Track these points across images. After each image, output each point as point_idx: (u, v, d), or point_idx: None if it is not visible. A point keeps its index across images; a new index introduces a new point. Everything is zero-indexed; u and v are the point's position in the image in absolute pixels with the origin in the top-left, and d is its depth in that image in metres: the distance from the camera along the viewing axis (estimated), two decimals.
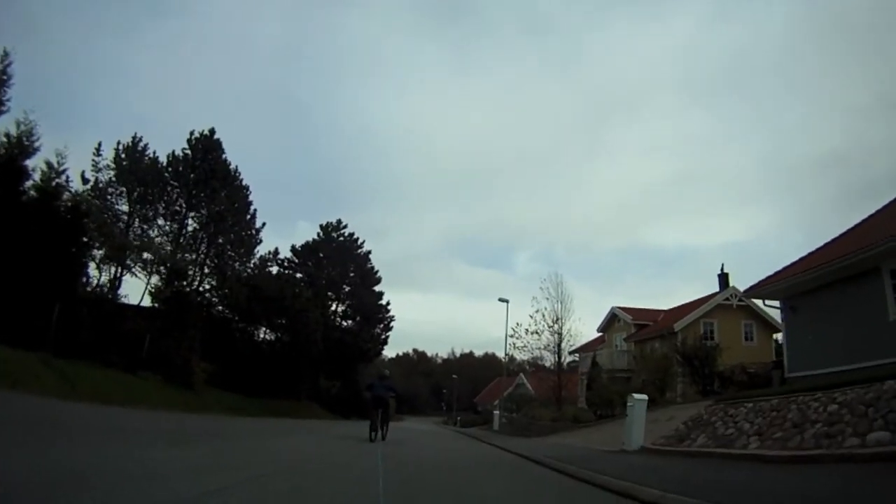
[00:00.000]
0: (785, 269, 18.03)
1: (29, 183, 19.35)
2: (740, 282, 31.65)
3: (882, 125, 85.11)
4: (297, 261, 44.01)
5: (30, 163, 19.58)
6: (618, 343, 38.25)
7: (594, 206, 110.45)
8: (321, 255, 44.95)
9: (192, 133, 30.83)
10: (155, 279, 26.62)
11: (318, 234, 46.31)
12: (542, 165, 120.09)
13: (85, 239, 21.12)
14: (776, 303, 19.28)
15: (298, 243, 45.66)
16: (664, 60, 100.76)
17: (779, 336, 29.84)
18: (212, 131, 31.10)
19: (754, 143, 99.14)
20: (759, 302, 23.63)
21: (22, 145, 19.01)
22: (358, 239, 47.40)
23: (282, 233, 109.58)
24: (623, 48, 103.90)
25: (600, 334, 41.36)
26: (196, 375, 23.17)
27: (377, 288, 47.72)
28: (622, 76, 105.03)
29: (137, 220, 28.37)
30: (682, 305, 35.98)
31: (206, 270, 30.84)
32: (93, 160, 27.28)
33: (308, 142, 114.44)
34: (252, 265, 33.71)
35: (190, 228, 30.35)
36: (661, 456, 10.91)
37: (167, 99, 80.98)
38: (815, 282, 16.01)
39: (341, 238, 46.66)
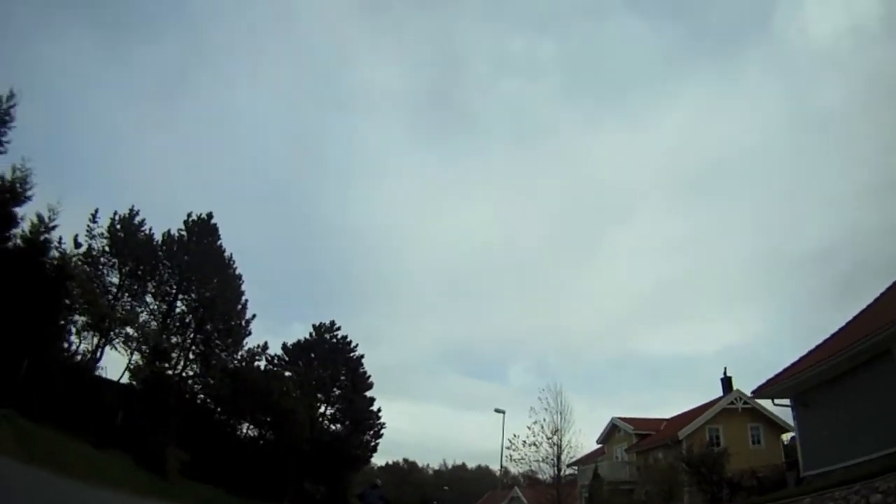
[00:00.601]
0: (792, 365, 17.74)
1: (17, 230, 18.93)
2: (741, 385, 31.04)
3: (871, 212, 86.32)
4: (287, 359, 42.65)
5: (20, 210, 19.15)
6: (618, 454, 36.79)
7: (587, 315, 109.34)
8: (312, 355, 43.67)
9: (189, 215, 30.91)
10: (136, 357, 25.66)
11: (311, 334, 45.27)
12: (536, 272, 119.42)
13: (67, 301, 20.40)
14: (786, 401, 18.81)
15: (290, 342, 44.70)
16: (653, 163, 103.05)
17: (787, 437, 30.12)
18: (209, 215, 31.23)
19: (744, 242, 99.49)
20: (767, 402, 22.99)
21: (15, 191, 18.69)
22: (351, 342, 46.23)
23: (274, 331, 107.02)
24: (612, 154, 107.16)
25: (599, 446, 39.88)
26: (170, 463, 21.40)
27: (369, 393, 46.00)
28: (613, 182, 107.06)
29: (126, 294, 27.63)
30: (685, 413, 34.98)
31: (191, 356, 29.63)
32: (88, 226, 26.95)
33: (305, 242, 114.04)
34: (239, 357, 32.47)
35: (178, 311, 29.55)
36: None
37: (166, 178, 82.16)
38: (825, 374, 15.65)
39: (334, 340, 45.57)
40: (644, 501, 24.32)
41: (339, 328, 46.06)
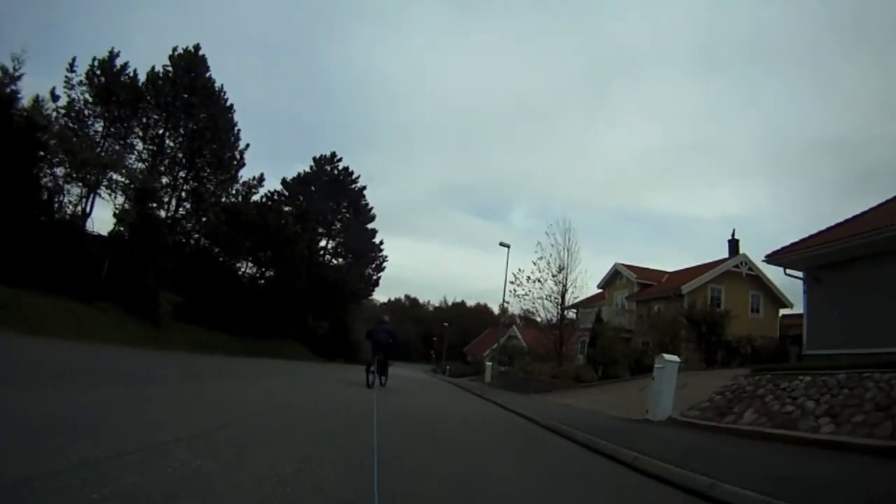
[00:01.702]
0: (811, 237, 16.91)
1: None
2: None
3: (887, 117, 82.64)
4: (286, 194, 41.18)
5: None
6: (619, 301, 36.85)
7: (594, 166, 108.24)
8: (312, 188, 41.98)
9: (174, 49, 27.74)
10: (122, 201, 23.98)
11: (311, 167, 43.39)
12: (544, 120, 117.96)
13: (42, 153, 18.68)
14: (797, 273, 17.75)
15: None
16: (675, 27, 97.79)
17: (785, 311, 30.79)
18: (196, 47, 28.07)
19: (758, 120, 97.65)
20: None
21: None
22: (353, 173, 44.51)
23: (276, 175, 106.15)
24: (635, 9, 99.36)
25: (600, 291, 39.80)
26: (162, 308, 20.75)
27: (371, 226, 45.21)
28: (631, 38, 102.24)
29: (111, 140, 25.38)
30: (689, 269, 34.67)
31: (183, 195, 28.02)
32: (66, 76, 24.26)
33: (304, 82, 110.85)
34: (234, 191, 30.75)
35: (168, 150, 27.45)
36: (700, 432, 9.13)
37: (155, 18, 75.53)
38: (843, 254, 14.90)
39: (335, 171, 43.72)
40: (643, 350, 24.22)
41: (340, 159, 44.33)
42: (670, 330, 24.03)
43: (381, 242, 45.15)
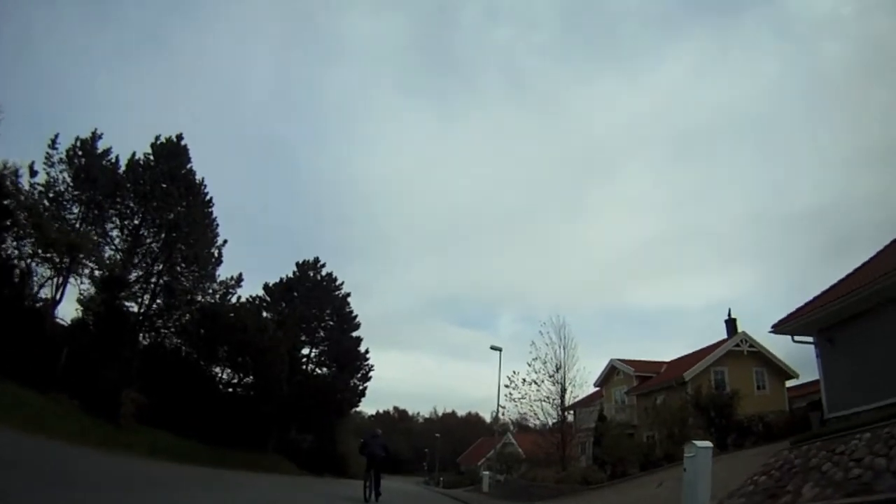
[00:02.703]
0: (815, 299, 16.58)
1: None
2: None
3: (864, 178, 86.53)
4: (268, 299, 39.75)
5: None
6: (618, 397, 35.44)
7: (577, 267, 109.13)
8: (295, 294, 40.80)
9: (157, 138, 27.28)
10: (87, 286, 22.69)
11: (294, 273, 42.18)
12: (525, 224, 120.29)
13: (9, 223, 17.72)
14: (806, 338, 17.39)
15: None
16: (645, 118, 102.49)
17: (791, 383, 29.89)
18: (179, 137, 27.66)
19: (736, 200, 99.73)
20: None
21: None
22: (336, 279, 43.42)
23: (257, 280, 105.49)
24: (604, 105, 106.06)
25: (597, 389, 38.40)
26: (124, 407, 18.61)
27: (355, 334, 43.34)
28: (603, 134, 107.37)
29: (87, 226, 24.33)
30: (688, 355, 33.80)
31: (156, 290, 26.48)
32: (47, 153, 23.63)
33: (288, 191, 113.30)
34: (211, 290, 29.06)
35: (144, 241, 26.36)
36: None
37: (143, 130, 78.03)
38: (853, 308, 14.43)
39: (318, 277, 42.68)
40: (651, 445, 22.48)
41: (323, 265, 43.28)
42: (678, 419, 22.72)
43: (367, 351, 43.20)
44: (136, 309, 25.74)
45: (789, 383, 30.13)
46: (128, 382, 19.11)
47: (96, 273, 22.58)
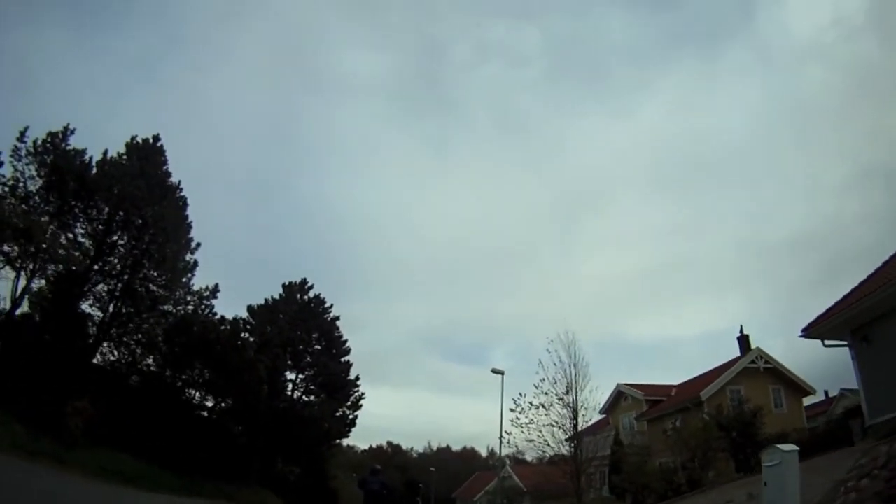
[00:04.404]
0: (844, 298, 15.66)
1: None
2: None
3: (853, 201, 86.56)
4: (252, 322, 36.81)
5: None
6: (626, 424, 33.31)
7: (570, 301, 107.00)
8: (280, 315, 37.91)
9: (133, 138, 25.09)
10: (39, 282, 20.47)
11: (280, 295, 39.30)
12: (518, 258, 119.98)
13: None
14: (838, 342, 16.41)
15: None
16: (634, 151, 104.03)
17: (808, 400, 30.15)
18: (156, 137, 25.58)
19: (726, 229, 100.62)
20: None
21: None
22: (325, 301, 40.49)
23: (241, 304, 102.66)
24: (595, 140, 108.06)
25: (602, 417, 36.11)
26: (71, 420, 15.76)
27: (345, 359, 40.20)
28: (594, 169, 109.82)
29: (52, 223, 22.08)
30: (699, 376, 32.49)
31: (120, 294, 23.76)
32: (14, 145, 21.69)
33: (277, 226, 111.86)
34: (185, 298, 26.36)
35: (113, 242, 23.89)
36: None
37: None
38: (890, 301, 13.42)
39: (306, 299, 39.80)
40: (672, 471, 20.24)
41: (311, 286, 40.43)
42: (702, 441, 20.63)
43: (357, 378, 40.14)
44: (98, 315, 23.42)
45: (808, 400, 29.94)
46: (78, 392, 16.48)
47: (46, 263, 20.26)
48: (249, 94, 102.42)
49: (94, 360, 22.48)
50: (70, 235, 22.93)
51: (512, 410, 23.58)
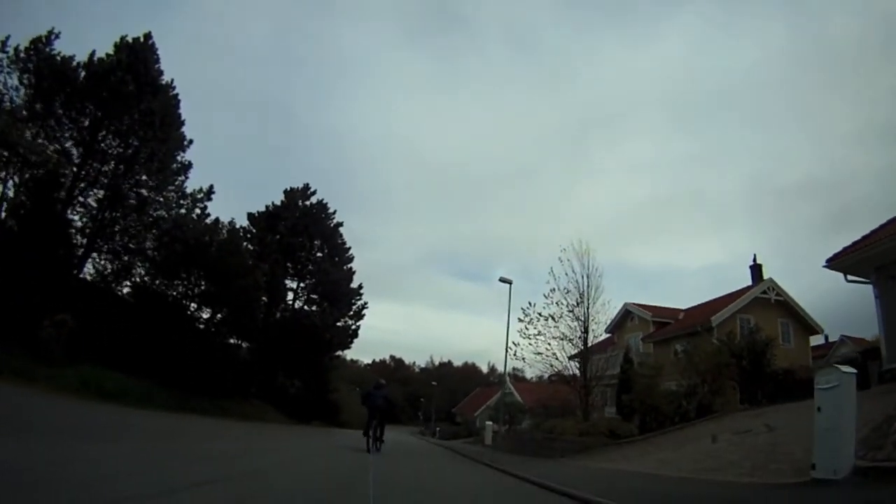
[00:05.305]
0: (874, 231, 14.88)
1: None
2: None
3: (864, 152, 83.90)
4: (253, 230, 35.42)
5: None
6: (632, 344, 32.71)
7: (575, 223, 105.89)
8: (282, 222, 36.40)
9: (122, 38, 22.97)
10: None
11: (281, 201, 37.66)
12: (526, 180, 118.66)
13: None
14: (860, 278, 15.58)
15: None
16: (651, 81, 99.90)
17: (815, 339, 29.43)
18: (147, 36, 23.43)
19: (736, 167, 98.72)
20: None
21: None
22: (328, 207, 39.03)
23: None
24: (611, 66, 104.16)
25: (608, 336, 35.50)
26: (46, 333, 14.75)
27: (348, 266, 39.50)
28: (608, 95, 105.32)
29: (37, 131, 20.91)
30: (710, 301, 31.58)
31: (105, 195, 22.28)
32: None
33: (287, 143, 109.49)
34: (175, 203, 24.85)
35: (100, 147, 22.25)
36: None
37: None
38: None
39: (308, 205, 38.26)
40: (684, 394, 19.56)
41: (314, 192, 38.84)
42: (712, 366, 19.80)
43: (360, 287, 39.14)
44: (88, 225, 22.17)
45: (815, 339, 29.25)
46: (61, 306, 15.36)
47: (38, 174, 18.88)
48: (256, 9, 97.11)
49: (83, 276, 21.42)
50: (57, 147, 21.42)
51: (521, 321, 22.46)
